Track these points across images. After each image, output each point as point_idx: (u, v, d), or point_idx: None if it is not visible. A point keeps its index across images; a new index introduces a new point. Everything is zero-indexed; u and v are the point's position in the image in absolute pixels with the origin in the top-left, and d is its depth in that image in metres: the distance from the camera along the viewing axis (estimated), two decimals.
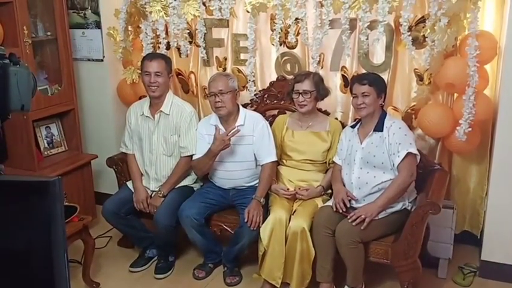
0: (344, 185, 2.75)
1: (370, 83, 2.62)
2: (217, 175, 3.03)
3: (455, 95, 2.86)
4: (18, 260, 0.86)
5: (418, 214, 2.51)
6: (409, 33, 2.74)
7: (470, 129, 2.64)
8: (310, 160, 2.92)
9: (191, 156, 3.01)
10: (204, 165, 2.94)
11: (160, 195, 2.99)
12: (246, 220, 2.74)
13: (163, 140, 3.05)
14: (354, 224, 2.55)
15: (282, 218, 2.69)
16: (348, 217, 2.58)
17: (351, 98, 2.74)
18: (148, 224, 3.08)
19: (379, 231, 2.62)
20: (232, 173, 2.97)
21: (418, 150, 2.65)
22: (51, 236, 0.85)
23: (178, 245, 3.19)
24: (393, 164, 2.61)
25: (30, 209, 0.80)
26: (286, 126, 2.99)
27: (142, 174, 3.14)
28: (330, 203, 2.77)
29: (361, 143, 2.70)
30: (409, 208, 2.67)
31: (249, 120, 2.94)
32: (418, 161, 2.66)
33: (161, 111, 3.02)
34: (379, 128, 2.65)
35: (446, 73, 2.73)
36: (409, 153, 2.57)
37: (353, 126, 2.81)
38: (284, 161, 3.00)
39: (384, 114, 2.69)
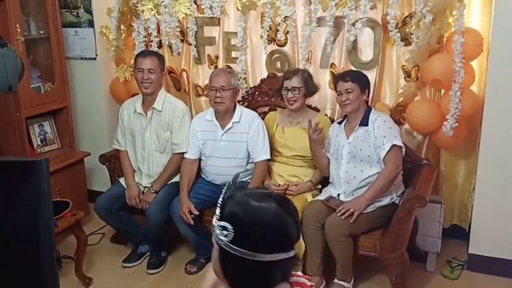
0: (332, 180, 2.81)
1: (353, 79, 2.69)
2: (209, 170, 3.06)
3: (443, 91, 2.91)
4: (6, 241, 0.89)
5: (405, 207, 2.55)
6: (396, 30, 2.78)
7: (456, 124, 2.69)
8: (300, 156, 2.96)
9: (183, 153, 3.05)
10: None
11: (153, 191, 3.02)
12: None
13: (156, 136, 3.08)
14: (342, 217, 2.59)
15: None
16: (337, 211, 2.62)
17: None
18: (141, 220, 3.12)
19: (367, 224, 2.67)
20: (223, 169, 3.00)
21: (404, 144, 2.71)
22: (39, 216, 0.88)
23: (170, 241, 3.22)
24: (379, 157, 2.66)
25: (18, 189, 0.83)
26: (277, 123, 3.04)
27: (134, 171, 3.17)
28: (319, 197, 2.82)
29: (347, 138, 2.76)
30: (397, 202, 2.72)
31: (245, 118, 2.98)
32: (404, 153, 2.72)
33: (153, 108, 3.05)
34: (364, 122, 2.72)
35: (432, 69, 2.77)
36: (394, 146, 2.63)
37: (340, 123, 2.87)
38: (275, 157, 3.04)
39: (369, 109, 2.77)
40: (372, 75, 3.05)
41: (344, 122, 2.83)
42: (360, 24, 2.84)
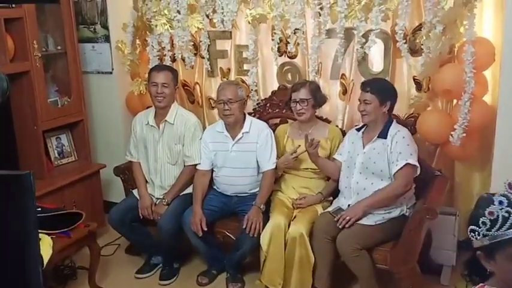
0: (342, 188, 2.79)
1: (373, 90, 2.63)
2: (220, 181, 3.09)
3: (454, 101, 2.88)
4: None
5: (415, 219, 2.52)
6: (404, 41, 2.78)
7: (464, 134, 2.65)
8: (311, 169, 2.96)
9: (195, 165, 3.09)
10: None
11: (165, 203, 3.05)
12: (244, 226, 2.79)
13: (168, 148, 3.12)
14: (340, 226, 2.59)
15: (281, 224, 2.72)
16: (336, 221, 2.61)
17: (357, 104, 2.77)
18: (154, 231, 3.15)
19: (378, 237, 2.64)
20: (235, 179, 3.03)
21: (419, 159, 2.66)
22: (24, 231, 0.90)
23: (182, 252, 3.25)
24: (391, 173, 2.62)
25: (1, 203, 0.86)
26: (287, 136, 3.05)
27: (147, 182, 3.22)
28: (330, 209, 2.80)
29: (363, 148, 2.72)
30: (407, 214, 2.68)
31: (254, 128, 3.01)
32: (418, 173, 2.65)
33: (166, 120, 3.10)
34: (383, 135, 2.67)
35: (443, 79, 2.75)
36: (407, 164, 2.58)
37: (358, 129, 2.83)
38: (288, 170, 3.04)
39: (390, 122, 2.71)
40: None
41: (363, 130, 2.79)
42: (373, 35, 2.84)
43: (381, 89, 2.67)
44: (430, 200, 2.57)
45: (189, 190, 3.15)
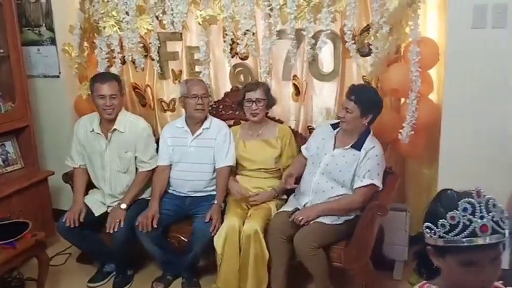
0: (302, 185, 2.78)
1: (357, 100, 2.56)
2: (176, 177, 3.06)
3: (402, 100, 2.95)
4: None
5: (366, 217, 2.56)
6: (353, 41, 2.82)
7: (412, 132, 2.72)
8: (264, 168, 2.96)
9: (150, 170, 3.05)
10: None
11: (123, 208, 2.95)
12: (207, 221, 2.76)
13: (118, 157, 3.04)
14: (290, 219, 2.61)
15: (235, 225, 2.71)
16: (290, 217, 2.62)
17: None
18: (105, 238, 3.06)
19: (335, 235, 2.66)
20: (191, 174, 3.02)
21: None
22: None
23: (136, 258, 3.17)
24: (353, 185, 2.64)
25: None
26: (238, 137, 3.05)
27: (97, 188, 3.13)
28: (285, 208, 2.81)
29: (333, 149, 2.70)
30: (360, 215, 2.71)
31: (215, 125, 3.05)
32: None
33: (115, 129, 3.01)
34: (357, 146, 2.64)
35: (391, 79, 2.81)
36: (372, 184, 2.60)
37: (333, 126, 2.78)
38: (239, 171, 3.05)
39: (366, 133, 2.66)
40: (333, 86, 3.09)
41: (338, 130, 2.75)
42: (323, 36, 2.87)
43: (366, 100, 2.59)
44: (381, 197, 2.62)
45: (143, 195, 3.09)
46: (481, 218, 1.21)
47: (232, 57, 3.24)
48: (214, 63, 3.37)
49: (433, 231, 1.27)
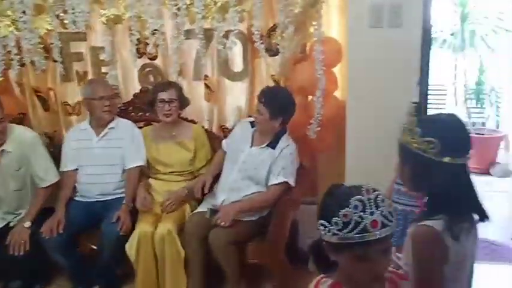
0: (220, 183, 2.79)
1: (266, 103, 2.61)
2: (84, 181, 2.94)
3: (310, 97, 3.05)
4: None
5: (278, 212, 2.62)
6: (261, 41, 2.87)
7: (319, 128, 2.82)
8: (178, 172, 2.93)
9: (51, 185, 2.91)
10: None
11: (27, 227, 2.77)
12: (114, 221, 2.68)
13: (11, 178, 2.86)
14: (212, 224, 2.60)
15: (147, 231, 2.66)
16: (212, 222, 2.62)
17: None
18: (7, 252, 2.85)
19: (249, 232, 2.69)
20: (99, 177, 2.92)
21: None
22: None
23: (44, 272, 2.99)
24: (267, 182, 2.69)
25: None
26: (150, 139, 2.98)
27: None
28: (200, 209, 2.79)
29: (251, 146, 2.74)
30: None
31: (122, 125, 2.99)
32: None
33: (3, 150, 2.80)
34: (272, 145, 2.70)
35: (297, 77, 2.90)
36: (285, 182, 2.66)
37: (252, 124, 2.80)
38: (152, 174, 2.99)
39: (282, 132, 2.72)
40: (243, 85, 3.12)
41: (256, 128, 2.78)
42: (232, 36, 2.89)
43: (275, 102, 2.61)
44: (292, 192, 2.69)
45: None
46: (371, 214, 1.26)
47: (141, 57, 3.16)
48: (121, 64, 3.26)
49: (327, 229, 1.31)
